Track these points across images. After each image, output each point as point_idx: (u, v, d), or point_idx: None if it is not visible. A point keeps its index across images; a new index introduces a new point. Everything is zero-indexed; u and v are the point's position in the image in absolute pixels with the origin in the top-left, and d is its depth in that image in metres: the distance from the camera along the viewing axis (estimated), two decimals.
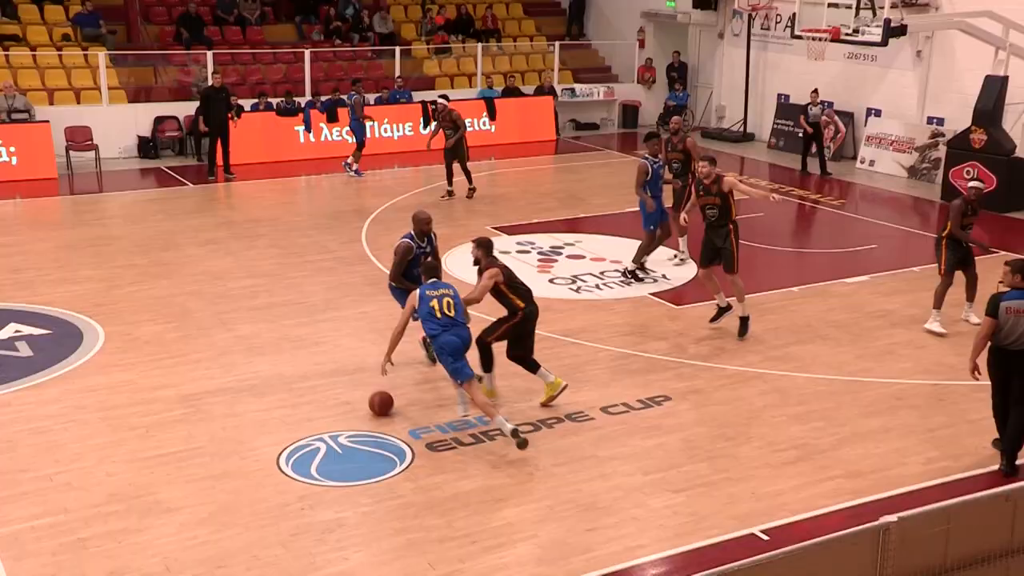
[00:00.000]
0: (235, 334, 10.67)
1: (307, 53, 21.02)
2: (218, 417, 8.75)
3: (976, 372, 7.99)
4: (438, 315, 8.31)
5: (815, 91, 19.04)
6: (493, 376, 9.12)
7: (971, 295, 11.04)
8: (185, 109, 19.58)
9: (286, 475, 7.79)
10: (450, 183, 16.47)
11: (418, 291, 8.49)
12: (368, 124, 18.47)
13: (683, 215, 11.51)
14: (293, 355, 10.14)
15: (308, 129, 19.70)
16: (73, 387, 9.29)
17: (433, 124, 19.21)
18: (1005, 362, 7.88)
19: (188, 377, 9.56)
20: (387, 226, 14.94)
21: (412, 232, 9.54)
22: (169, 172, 18.50)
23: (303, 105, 19.87)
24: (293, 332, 10.74)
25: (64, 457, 8.00)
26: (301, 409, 8.92)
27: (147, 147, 19.44)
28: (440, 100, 16.94)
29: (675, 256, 13.24)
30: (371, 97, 20.93)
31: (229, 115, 17.98)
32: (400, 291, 9.46)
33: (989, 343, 7.94)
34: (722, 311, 10.86)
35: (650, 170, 12.24)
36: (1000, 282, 8.07)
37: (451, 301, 8.40)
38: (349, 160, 18.27)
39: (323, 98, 20.04)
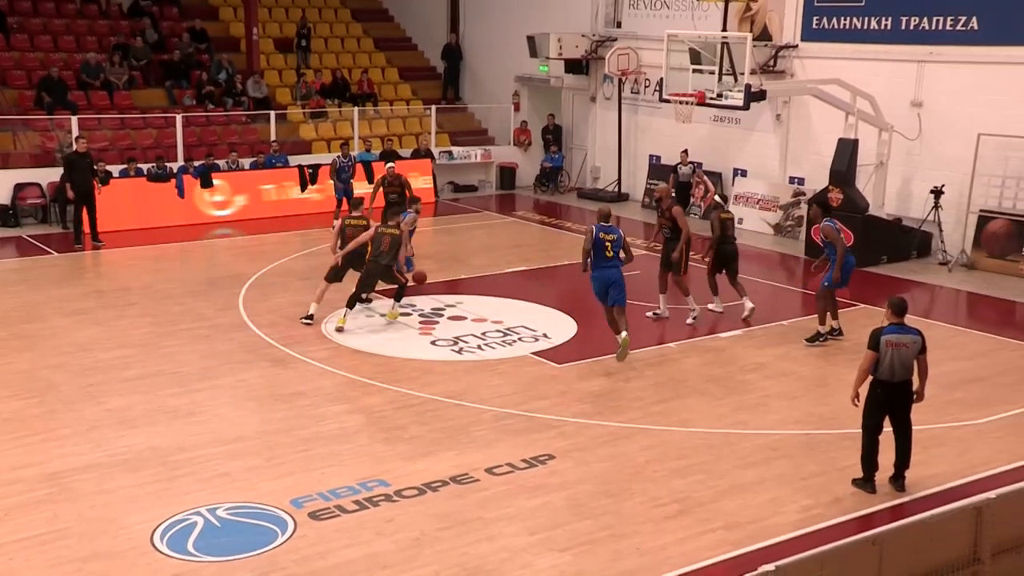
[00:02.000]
0: (105, 407, 10.28)
1: (179, 118, 20.70)
2: (87, 495, 8.38)
3: (856, 399, 8.55)
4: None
5: (684, 151, 19.82)
6: None
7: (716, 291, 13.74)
8: (48, 175, 18.97)
9: (161, 553, 7.50)
10: None
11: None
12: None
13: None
14: (168, 427, 9.83)
15: (181, 195, 19.34)
16: None
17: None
18: (887, 396, 8.41)
19: (53, 454, 9.14)
20: (265, 291, 14.73)
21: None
22: (31, 241, 17.82)
23: (176, 170, 19.52)
24: (168, 403, 10.43)
25: None
26: (177, 483, 8.64)
27: (6, 215, 18.69)
28: (390, 165, 16.94)
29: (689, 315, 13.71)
30: (246, 162, 20.74)
31: (95, 180, 17.51)
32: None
33: (870, 379, 8.46)
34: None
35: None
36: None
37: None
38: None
39: (196, 163, 19.74)
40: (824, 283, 12.40)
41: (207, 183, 19.55)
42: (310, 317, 13.01)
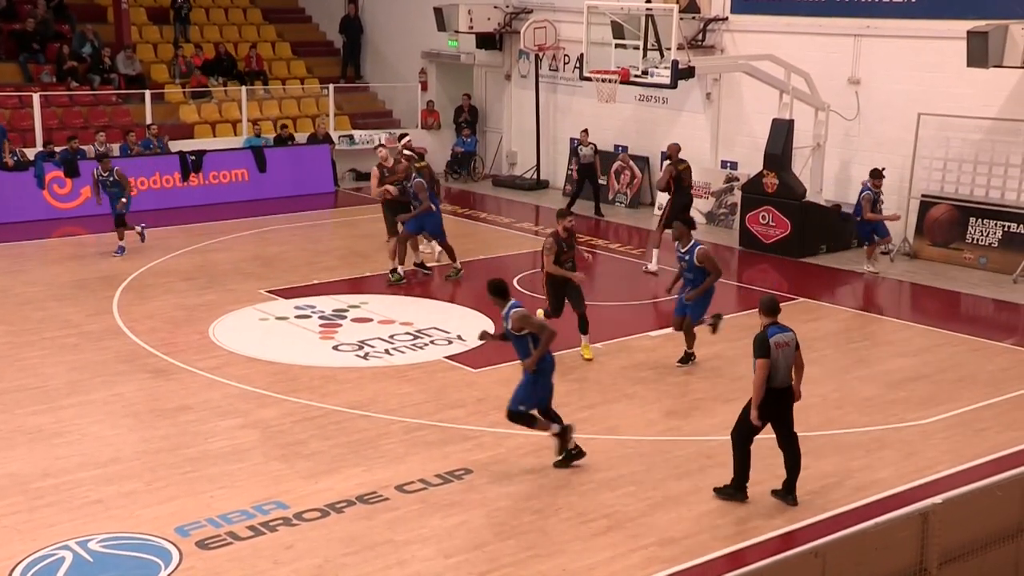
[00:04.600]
0: None
1: (36, 97, 20.11)
2: None
3: (760, 418, 8.57)
4: None
5: (584, 131, 20.11)
6: None
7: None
8: None
9: None
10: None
11: None
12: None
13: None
14: (29, 449, 9.57)
15: (41, 186, 18.79)
16: None
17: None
18: (776, 403, 8.51)
19: None
20: (143, 294, 14.44)
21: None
22: None
23: (34, 158, 18.95)
24: (29, 422, 10.15)
25: None
26: (40, 513, 8.41)
27: None
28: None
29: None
30: (115, 147, 20.24)
31: None
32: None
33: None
34: None
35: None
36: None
37: None
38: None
39: (59, 149, 19.20)
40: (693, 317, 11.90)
41: (72, 172, 19.02)
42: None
